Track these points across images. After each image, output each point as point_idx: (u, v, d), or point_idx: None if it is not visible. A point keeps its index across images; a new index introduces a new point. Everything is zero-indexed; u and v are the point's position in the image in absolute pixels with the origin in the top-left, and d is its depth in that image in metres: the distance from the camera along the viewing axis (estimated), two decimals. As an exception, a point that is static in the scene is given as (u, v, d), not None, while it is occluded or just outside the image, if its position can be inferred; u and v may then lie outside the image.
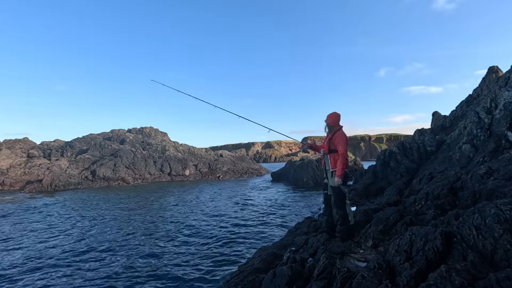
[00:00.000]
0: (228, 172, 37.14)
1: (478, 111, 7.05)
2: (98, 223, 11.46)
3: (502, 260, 2.26)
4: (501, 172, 4.25)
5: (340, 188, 4.13)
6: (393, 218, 3.93)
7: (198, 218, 11.94)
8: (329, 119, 4.31)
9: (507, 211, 2.51)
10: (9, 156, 28.10)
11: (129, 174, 29.49)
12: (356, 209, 5.38)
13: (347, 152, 4.10)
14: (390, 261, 2.75)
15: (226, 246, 8.17)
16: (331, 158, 4.20)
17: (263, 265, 4.14)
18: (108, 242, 8.79)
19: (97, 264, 7.06)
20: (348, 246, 3.78)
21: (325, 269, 2.98)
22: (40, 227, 10.98)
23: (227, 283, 3.92)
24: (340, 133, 4.18)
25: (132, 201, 17.25)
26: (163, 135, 42.27)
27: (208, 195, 19.11)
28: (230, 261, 7.02)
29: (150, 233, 9.73)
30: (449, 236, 2.66)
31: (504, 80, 7.84)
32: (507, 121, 5.73)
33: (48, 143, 33.94)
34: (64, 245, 8.66)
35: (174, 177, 32.00)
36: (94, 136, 36.44)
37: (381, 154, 10.26)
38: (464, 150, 6.65)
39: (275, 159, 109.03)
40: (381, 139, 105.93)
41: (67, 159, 29.96)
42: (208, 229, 10.10)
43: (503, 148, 5.39)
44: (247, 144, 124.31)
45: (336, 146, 4.13)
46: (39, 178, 25.30)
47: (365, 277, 2.54)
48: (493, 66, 13.05)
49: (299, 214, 12.34)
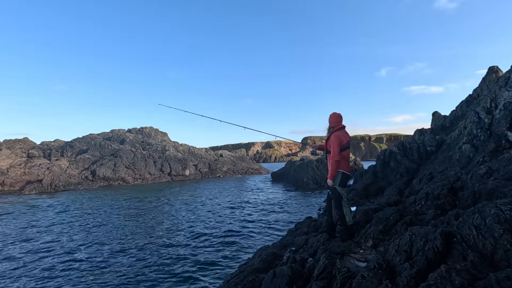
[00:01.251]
0: (228, 172, 37.14)
1: (478, 111, 7.04)
2: (98, 222, 11.45)
3: (502, 260, 2.26)
4: (501, 172, 4.25)
5: (336, 189, 4.13)
6: (393, 218, 3.92)
7: (197, 218, 11.94)
8: (329, 120, 4.32)
9: (507, 211, 2.51)
10: (9, 156, 28.08)
11: (129, 174, 29.48)
12: (356, 209, 5.38)
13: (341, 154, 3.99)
14: (390, 261, 2.75)
15: (226, 246, 8.17)
16: (328, 159, 4.22)
17: (263, 265, 4.14)
18: (108, 242, 8.79)
19: (96, 264, 7.06)
20: (348, 246, 3.78)
21: (325, 269, 2.98)
22: (40, 227, 10.98)
23: (227, 283, 3.92)
24: (335, 135, 4.10)
25: (132, 201, 17.25)
26: (163, 135, 42.27)
27: (207, 195, 19.11)
28: (229, 261, 7.03)
29: (150, 233, 9.72)
30: (449, 236, 2.66)
31: (504, 80, 7.84)
32: (507, 121, 5.73)
33: (48, 143, 33.94)
34: (64, 244, 8.66)
35: (174, 177, 32.00)
36: (94, 136, 36.43)
37: (381, 154, 10.26)
38: (464, 150, 6.65)
39: (275, 159, 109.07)
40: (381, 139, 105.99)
41: (67, 159, 29.96)
42: (208, 229, 10.10)
43: (503, 148, 5.39)
44: (247, 144, 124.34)
45: (330, 148, 4.12)
46: (39, 178, 25.30)
47: (365, 277, 2.54)
48: (493, 66, 13.04)
49: (299, 214, 12.35)
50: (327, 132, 4.36)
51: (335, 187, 4.12)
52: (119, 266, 6.88)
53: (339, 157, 3.99)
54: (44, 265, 7.09)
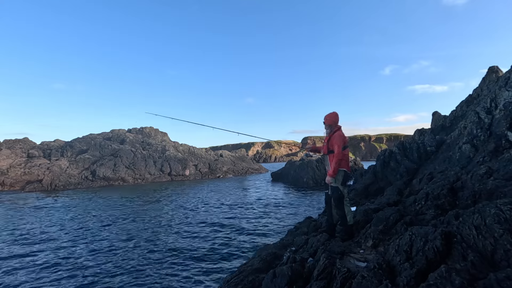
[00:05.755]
0: (228, 172, 37.15)
1: (478, 111, 7.04)
2: (98, 222, 11.45)
3: (502, 260, 2.26)
4: (501, 172, 4.25)
5: (338, 188, 4.13)
6: (393, 218, 3.92)
7: (197, 218, 11.94)
8: (327, 119, 4.31)
9: (507, 211, 2.51)
10: (9, 156, 28.09)
11: (129, 174, 29.49)
12: (356, 209, 5.38)
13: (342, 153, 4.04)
14: (390, 261, 2.75)
15: (226, 246, 8.17)
16: (330, 158, 4.20)
17: (263, 265, 4.14)
18: (108, 242, 8.79)
19: (96, 263, 7.06)
20: (348, 246, 3.78)
21: (325, 269, 2.98)
22: (40, 227, 10.98)
23: (227, 283, 3.92)
24: (338, 134, 4.17)
25: (132, 201, 17.25)
26: (163, 135, 42.28)
27: (207, 195, 19.10)
28: (229, 261, 7.03)
29: (149, 233, 9.73)
30: (449, 236, 2.66)
31: (504, 80, 7.83)
32: (507, 121, 5.72)
33: (48, 143, 33.94)
34: (63, 244, 8.66)
35: (174, 177, 32.01)
36: (94, 136, 36.43)
37: (381, 154, 10.26)
38: (464, 150, 6.65)
39: (275, 159, 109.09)
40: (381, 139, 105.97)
41: (67, 159, 29.97)
42: (208, 229, 10.10)
43: (503, 148, 5.38)
44: (247, 144, 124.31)
45: (333, 147, 4.13)
46: (39, 178, 25.31)
47: (365, 277, 2.54)
48: (493, 66, 13.03)
49: (299, 214, 12.34)
50: (328, 132, 4.35)
51: (338, 186, 4.12)
52: (119, 266, 6.88)
53: (342, 155, 4.03)
54: (44, 264, 7.08)
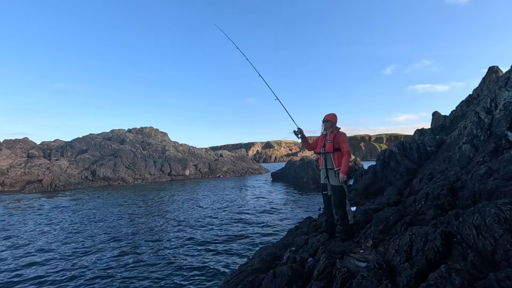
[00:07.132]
0: (228, 172, 37.15)
1: (478, 111, 7.05)
2: (97, 222, 11.45)
3: (502, 260, 2.26)
4: (501, 172, 4.25)
5: (341, 188, 4.17)
6: (393, 218, 3.92)
7: (197, 218, 11.94)
8: (331, 117, 4.39)
9: (507, 211, 2.51)
10: (9, 156, 28.09)
11: (129, 174, 29.49)
12: (356, 209, 5.38)
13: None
14: (390, 261, 2.75)
15: (226, 246, 8.17)
16: (335, 157, 4.22)
17: (263, 265, 4.13)
18: (108, 241, 8.79)
19: (96, 263, 7.06)
20: (348, 246, 3.78)
21: (325, 269, 2.98)
22: (40, 226, 10.98)
23: (227, 283, 3.91)
24: (343, 133, 4.33)
25: (132, 201, 17.25)
26: (163, 135, 42.28)
27: (207, 195, 19.10)
28: (229, 261, 7.02)
29: (149, 233, 9.72)
30: (449, 236, 2.66)
31: (504, 80, 7.83)
32: (507, 121, 5.73)
33: (48, 143, 33.93)
34: (63, 244, 8.66)
35: (174, 177, 32.01)
36: (94, 136, 36.43)
37: (381, 154, 10.26)
38: (464, 150, 6.65)
39: (275, 159, 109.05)
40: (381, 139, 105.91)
41: (67, 159, 29.96)
42: (208, 229, 10.10)
43: (503, 148, 5.39)
44: (247, 144, 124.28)
45: (340, 145, 4.21)
46: (39, 178, 25.30)
47: (365, 277, 2.54)
48: (493, 66, 13.03)
49: (299, 214, 12.35)
50: (332, 131, 4.36)
51: (342, 185, 4.17)
52: (118, 266, 6.88)
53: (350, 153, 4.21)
54: (44, 264, 7.09)
